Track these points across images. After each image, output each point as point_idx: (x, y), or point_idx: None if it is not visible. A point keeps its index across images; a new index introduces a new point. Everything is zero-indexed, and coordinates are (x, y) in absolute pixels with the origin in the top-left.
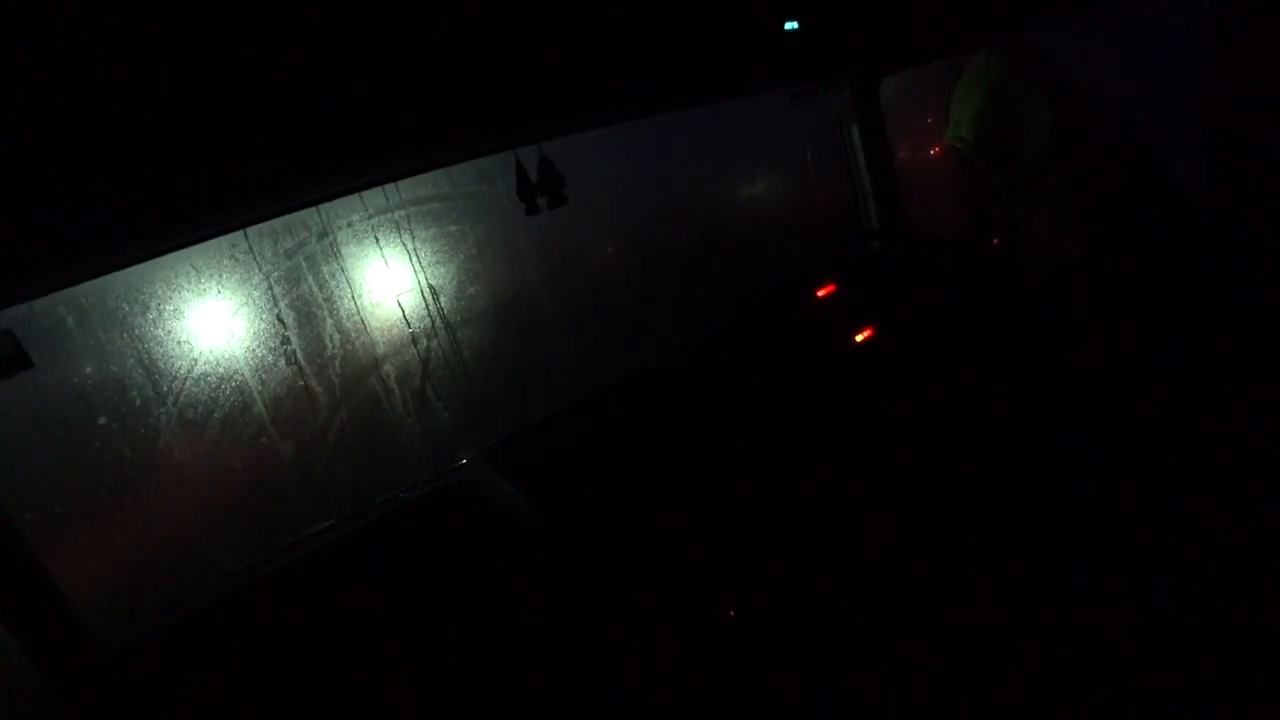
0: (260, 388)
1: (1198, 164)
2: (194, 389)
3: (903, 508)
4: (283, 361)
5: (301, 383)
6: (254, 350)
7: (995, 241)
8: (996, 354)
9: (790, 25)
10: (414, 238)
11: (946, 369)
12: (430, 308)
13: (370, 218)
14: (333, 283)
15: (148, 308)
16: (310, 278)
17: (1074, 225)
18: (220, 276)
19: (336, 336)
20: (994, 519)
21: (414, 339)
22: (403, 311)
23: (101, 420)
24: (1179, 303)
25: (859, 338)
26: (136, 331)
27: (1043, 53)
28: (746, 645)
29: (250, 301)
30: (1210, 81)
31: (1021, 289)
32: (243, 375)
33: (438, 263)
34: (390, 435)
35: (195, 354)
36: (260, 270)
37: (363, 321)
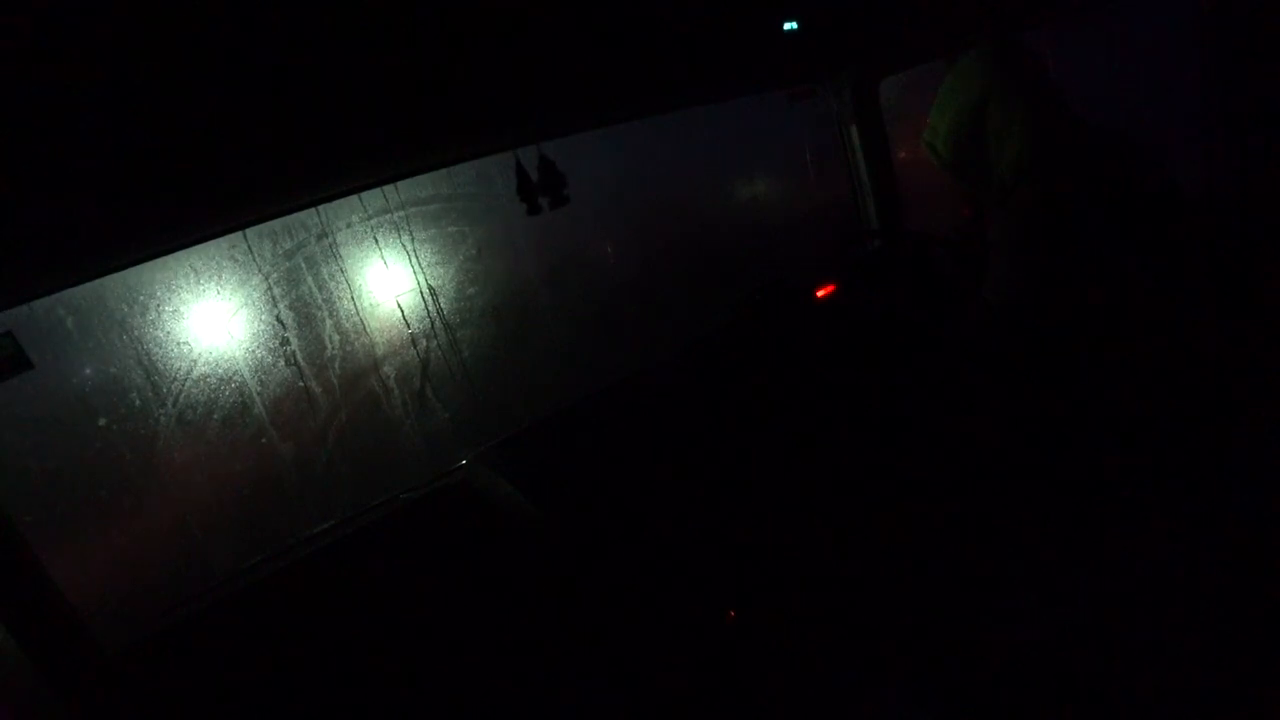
0: (260, 389)
1: (1198, 162)
2: (194, 390)
3: (903, 506)
4: (282, 363)
5: (301, 384)
6: (254, 351)
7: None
8: (997, 352)
9: (790, 25)
10: (413, 239)
11: (946, 368)
12: (430, 308)
13: (370, 219)
14: (332, 284)
15: (147, 309)
16: (310, 279)
17: (1039, 242)
18: (220, 278)
19: (336, 337)
20: (995, 518)
21: (413, 340)
22: (402, 312)
23: (101, 421)
24: (1172, 308)
25: (858, 337)
26: (136, 333)
27: (1028, 55)
28: (746, 645)
29: (250, 303)
30: (1210, 80)
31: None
32: (242, 376)
33: (437, 263)
34: (390, 435)
35: (195, 355)
36: (260, 271)
37: (362, 322)
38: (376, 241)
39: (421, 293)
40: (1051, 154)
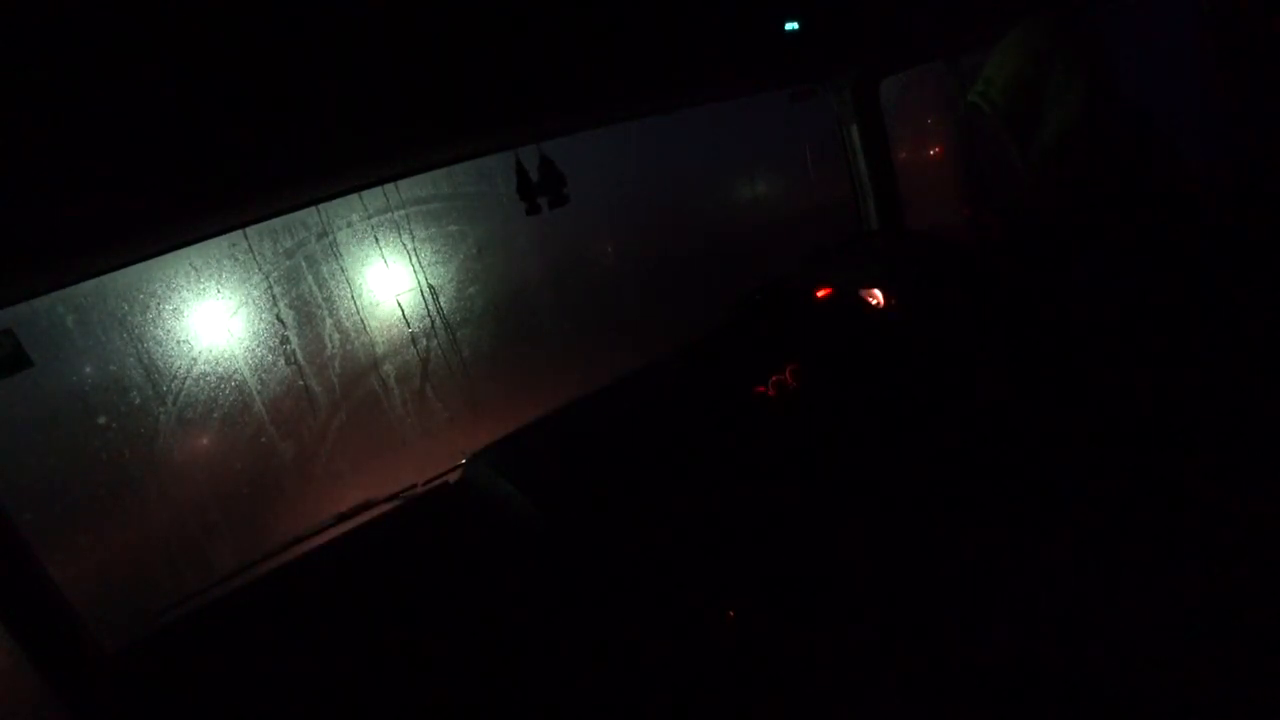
0: (260, 387)
1: (1199, 156)
2: (194, 389)
3: (904, 506)
4: (282, 361)
5: (301, 383)
6: (254, 350)
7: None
8: (997, 350)
9: (790, 25)
10: (414, 238)
11: (947, 367)
12: (430, 308)
13: (370, 218)
14: (332, 283)
15: (147, 307)
16: (310, 277)
17: (1077, 213)
18: (220, 276)
19: (336, 336)
20: (996, 518)
21: (414, 339)
22: (402, 311)
23: (101, 420)
24: (1182, 296)
25: (859, 335)
26: (136, 331)
27: (1093, 32)
28: (746, 645)
29: (250, 301)
30: (1210, 79)
31: (1020, 284)
32: (242, 375)
33: (437, 263)
34: (390, 435)
35: (195, 354)
36: (260, 270)
37: (362, 321)
38: (377, 240)
39: (421, 292)
40: (1099, 130)
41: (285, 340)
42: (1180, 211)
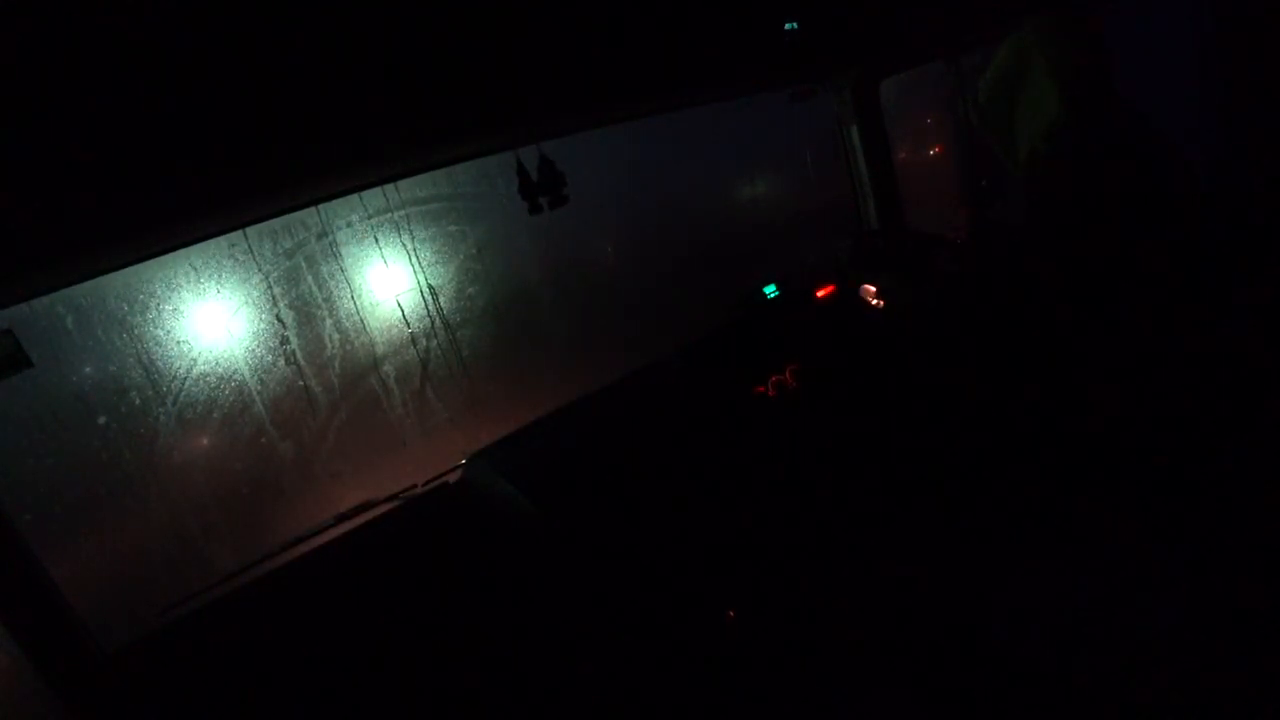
0: (260, 388)
1: (1199, 156)
2: (194, 389)
3: (903, 506)
4: (282, 361)
5: (301, 383)
6: (254, 350)
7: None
8: (995, 351)
9: (790, 25)
10: (413, 238)
11: (947, 367)
12: (430, 308)
13: (370, 218)
14: (332, 283)
15: (147, 308)
16: (310, 278)
17: (1060, 214)
18: (220, 276)
19: (336, 336)
20: (994, 519)
21: (413, 339)
22: (402, 311)
23: (101, 420)
24: (1173, 294)
25: (857, 335)
26: (136, 331)
27: (1089, 34)
28: (746, 645)
29: (250, 301)
30: (1213, 69)
31: (1018, 286)
32: (242, 375)
33: (437, 263)
34: (390, 435)
35: (195, 354)
36: (260, 270)
37: (362, 321)
38: (377, 241)
39: (421, 292)
40: (1084, 130)
41: (285, 340)
42: (1180, 211)
